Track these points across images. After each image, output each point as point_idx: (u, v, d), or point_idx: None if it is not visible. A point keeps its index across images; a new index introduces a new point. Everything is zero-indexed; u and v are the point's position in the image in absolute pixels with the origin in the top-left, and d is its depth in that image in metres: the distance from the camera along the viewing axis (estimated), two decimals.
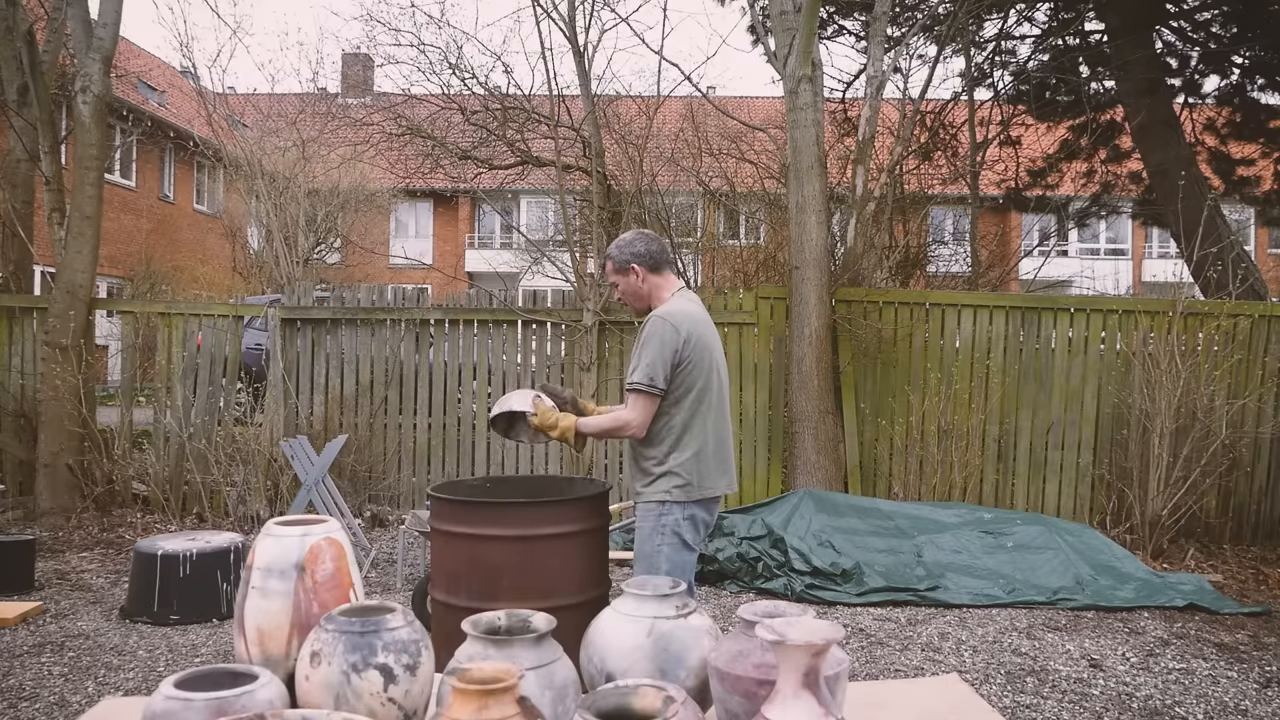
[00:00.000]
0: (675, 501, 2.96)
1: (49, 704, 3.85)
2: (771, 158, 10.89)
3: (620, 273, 3.10)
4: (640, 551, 3.00)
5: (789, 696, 1.23)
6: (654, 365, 2.92)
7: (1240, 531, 7.10)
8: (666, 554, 2.95)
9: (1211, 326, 7.04)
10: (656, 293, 3.11)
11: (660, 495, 2.96)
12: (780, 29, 7.31)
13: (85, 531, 7.01)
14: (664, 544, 2.95)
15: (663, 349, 2.92)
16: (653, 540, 2.96)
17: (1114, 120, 11.50)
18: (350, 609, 1.41)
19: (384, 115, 11.19)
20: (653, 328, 2.95)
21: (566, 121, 9.28)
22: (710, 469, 3.00)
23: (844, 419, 7.28)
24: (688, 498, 2.96)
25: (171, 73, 21.37)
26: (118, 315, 8.01)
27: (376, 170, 16.40)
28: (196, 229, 21.81)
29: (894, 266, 9.39)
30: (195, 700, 1.24)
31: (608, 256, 3.14)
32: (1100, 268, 23.39)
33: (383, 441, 7.66)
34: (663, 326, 2.94)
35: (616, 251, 3.12)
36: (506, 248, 24.17)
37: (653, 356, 2.92)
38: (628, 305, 3.19)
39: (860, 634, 4.96)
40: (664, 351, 2.92)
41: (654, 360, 2.92)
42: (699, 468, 2.97)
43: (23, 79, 7.98)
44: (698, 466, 2.97)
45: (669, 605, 1.54)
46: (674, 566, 2.95)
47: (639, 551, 3.01)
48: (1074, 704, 4.01)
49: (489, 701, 1.19)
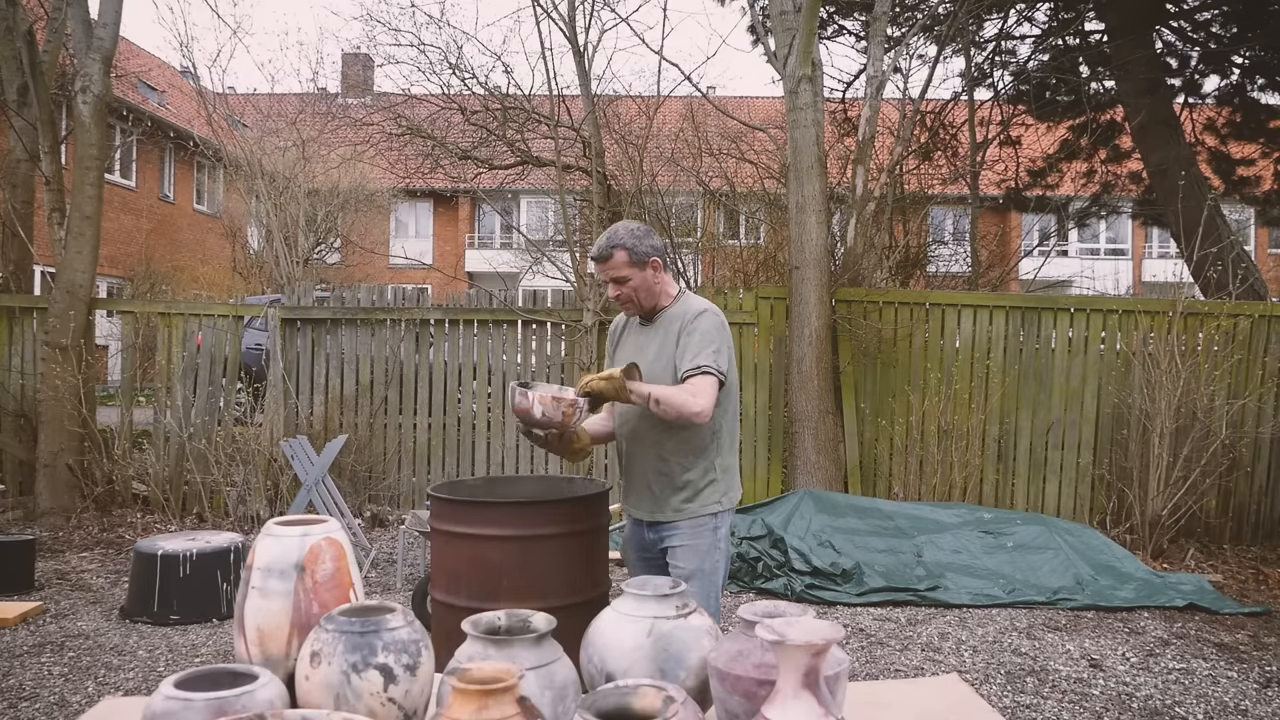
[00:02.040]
0: (726, 510, 2.77)
1: (49, 704, 3.85)
2: (771, 158, 10.88)
3: (637, 265, 2.73)
4: (697, 570, 2.69)
5: (789, 696, 1.23)
6: (720, 353, 2.67)
7: (1240, 531, 7.10)
8: (724, 569, 2.79)
9: (1211, 326, 7.04)
10: (666, 290, 2.82)
11: (714, 506, 2.74)
12: (780, 29, 7.32)
13: (85, 531, 7.01)
14: (721, 559, 2.76)
15: (725, 341, 2.70)
16: (711, 556, 2.72)
17: (1114, 120, 11.50)
18: (350, 609, 1.41)
19: (384, 115, 11.19)
20: (709, 321, 2.70)
21: (566, 121, 9.28)
22: (738, 472, 2.89)
23: (844, 419, 7.28)
24: (734, 505, 2.81)
25: (171, 73, 21.36)
26: (118, 315, 8.01)
27: (376, 170, 16.40)
28: (196, 229, 21.81)
29: (894, 266, 9.39)
30: (195, 700, 1.24)
31: (619, 246, 2.72)
32: (1100, 268, 23.38)
33: (383, 441, 7.66)
34: (720, 321, 2.73)
35: (634, 242, 2.73)
36: (506, 248, 24.16)
37: (718, 345, 2.67)
38: (628, 304, 2.81)
39: (860, 634, 4.96)
40: (727, 343, 2.71)
41: (720, 348, 2.67)
42: (736, 472, 2.86)
43: (23, 79, 7.98)
44: (737, 470, 2.86)
45: (669, 605, 1.54)
46: (724, 579, 2.83)
47: (695, 570, 2.69)
48: (1074, 704, 4.01)
49: (489, 701, 1.19)
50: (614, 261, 2.73)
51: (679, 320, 2.75)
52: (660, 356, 2.75)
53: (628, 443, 2.85)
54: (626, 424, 2.84)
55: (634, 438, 2.82)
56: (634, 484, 2.85)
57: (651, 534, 2.80)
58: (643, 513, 2.81)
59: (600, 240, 2.79)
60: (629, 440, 2.85)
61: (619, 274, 2.74)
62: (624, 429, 2.86)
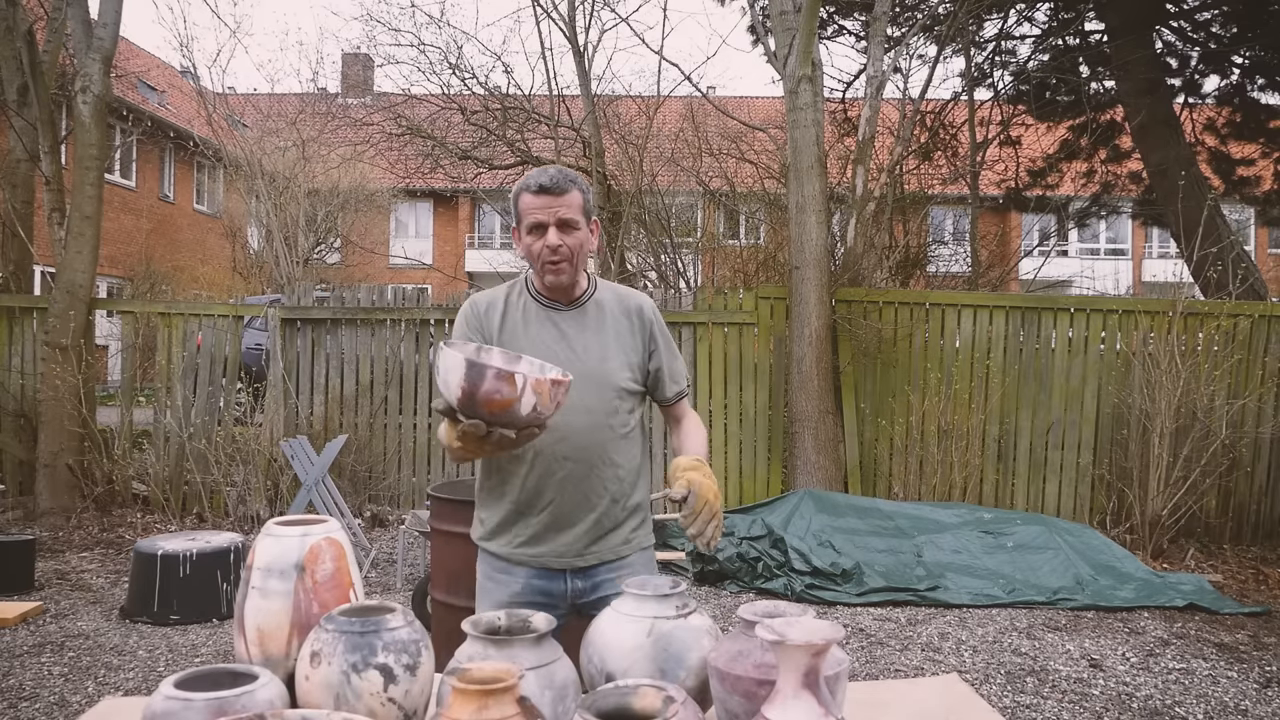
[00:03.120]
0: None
1: (49, 704, 3.85)
2: (771, 158, 10.89)
3: (585, 217, 2.06)
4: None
5: (789, 696, 1.23)
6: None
7: (1240, 531, 7.11)
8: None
9: (1211, 326, 7.05)
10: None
11: (650, 536, 2.22)
12: (780, 29, 7.32)
13: (85, 531, 7.01)
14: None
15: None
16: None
17: (1114, 120, 11.50)
18: (350, 609, 1.41)
19: (384, 115, 11.21)
20: (663, 320, 2.22)
21: (566, 121, 9.29)
22: None
23: (844, 419, 7.28)
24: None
25: (171, 73, 21.37)
26: (118, 315, 8.01)
27: (376, 170, 16.42)
28: (196, 229, 21.81)
29: (894, 266, 9.39)
30: (195, 700, 1.24)
31: (576, 185, 2.04)
32: (1100, 268, 23.38)
33: (383, 441, 7.66)
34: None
35: (586, 188, 2.09)
36: (506, 248, 24.16)
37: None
38: (560, 265, 2.03)
39: (860, 634, 4.96)
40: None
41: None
42: None
43: (23, 79, 7.98)
44: None
45: (669, 605, 1.54)
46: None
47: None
48: (1074, 704, 4.01)
49: (489, 701, 1.19)
50: (568, 200, 2.01)
51: (624, 310, 2.14)
52: (609, 355, 2.08)
53: (567, 461, 2.04)
54: (571, 433, 2.02)
55: (579, 451, 2.04)
56: (564, 517, 2.06)
57: (580, 582, 2.08)
58: (571, 556, 2.06)
59: (549, 170, 2.04)
60: (571, 456, 2.04)
61: (571, 216, 2.01)
62: (561, 444, 2.01)
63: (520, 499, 2.07)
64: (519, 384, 1.61)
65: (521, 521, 2.08)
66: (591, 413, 2.03)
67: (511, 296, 2.13)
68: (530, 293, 2.13)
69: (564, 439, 2.01)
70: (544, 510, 2.05)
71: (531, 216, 2.01)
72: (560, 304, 2.10)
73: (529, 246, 2.03)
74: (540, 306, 2.11)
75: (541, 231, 2.01)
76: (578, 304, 2.12)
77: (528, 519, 2.07)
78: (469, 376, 1.61)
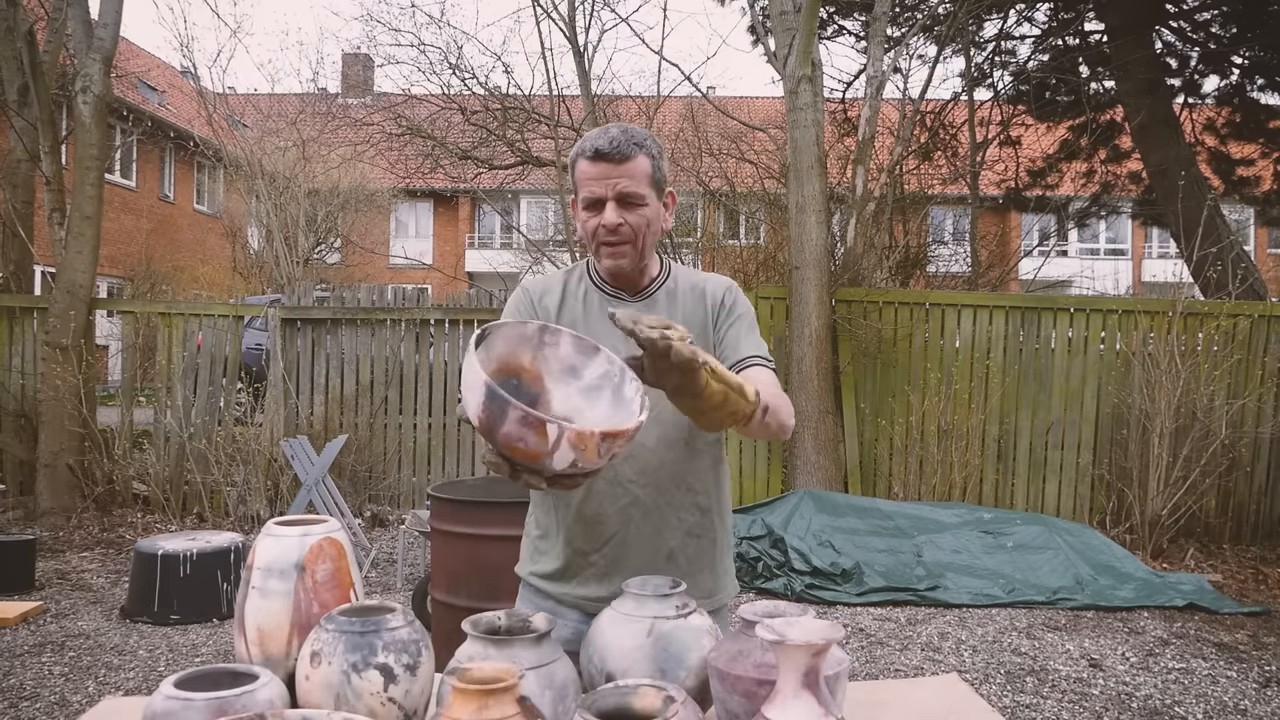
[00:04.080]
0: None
1: (49, 704, 3.86)
2: (771, 158, 10.89)
3: (655, 190, 1.68)
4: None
5: (789, 696, 1.23)
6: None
7: (1240, 531, 7.11)
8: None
9: (1211, 326, 7.05)
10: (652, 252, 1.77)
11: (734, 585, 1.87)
12: (780, 29, 7.32)
13: (85, 531, 7.01)
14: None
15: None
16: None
17: (1114, 120, 11.50)
18: (350, 609, 1.41)
19: (384, 115, 11.21)
20: (746, 301, 1.93)
21: (566, 122, 9.30)
22: None
23: (844, 419, 7.28)
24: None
25: (171, 73, 21.37)
26: (118, 315, 8.01)
27: (376, 170, 16.42)
28: (196, 229, 21.81)
29: (894, 266, 9.39)
30: (195, 700, 1.24)
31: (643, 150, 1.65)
32: (1100, 268, 23.38)
33: (383, 441, 7.66)
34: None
35: (659, 154, 1.69)
36: (506, 248, 24.17)
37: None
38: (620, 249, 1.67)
39: (860, 634, 4.96)
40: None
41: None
42: None
43: (23, 79, 7.98)
44: None
45: (669, 605, 1.54)
46: None
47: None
48: (1074, 704, 4.02)
49: (489, 701, 1.19)
50: (631, 168, 1.63)
51: (698, 296, 1.81)
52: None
53: (633, 485, 1.71)
54: (638, 451, 1.68)
55: (645, 474, 1.71)
56: (630, 554, 1.73)
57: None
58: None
59: (610, 130, 1.65)
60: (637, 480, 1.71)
61: (634, 189, 1.64)
62: (626, 463, 1.68)
63: (574, 529, 1.73)
64: (551, 436, 1.18)
65: (580, 559, 1.74)
66: (662, 424, 1.66)
67: (570, 283, 1.78)
68: (592, 279, 1.78)
69: (629, 457, 1.65)
70: (606, 544, 1.72)
71: (587, 189, 1.65)
72: (625, 293, 1.76)
73: (585, 224, 1.69)
74: (604, 295, 1.76)
75: (598, 208, 1.65)
76: (646, 293, 1.76)
77: (587, 555, 1.73)
78: (488, 408, 1.20)
